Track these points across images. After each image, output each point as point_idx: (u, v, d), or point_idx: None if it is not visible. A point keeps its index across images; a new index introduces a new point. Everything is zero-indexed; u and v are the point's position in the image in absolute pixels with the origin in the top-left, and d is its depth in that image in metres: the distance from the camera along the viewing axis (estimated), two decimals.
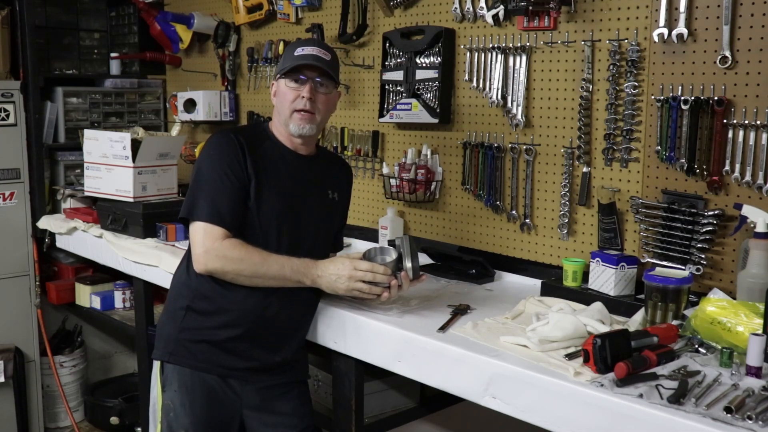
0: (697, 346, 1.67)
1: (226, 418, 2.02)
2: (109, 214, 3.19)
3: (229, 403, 2.01)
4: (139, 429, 3.56)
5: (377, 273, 1.94)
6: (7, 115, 3.47)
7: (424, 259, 2.45)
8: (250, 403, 2.04)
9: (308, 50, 1.99)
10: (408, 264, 1.99)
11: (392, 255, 2.01)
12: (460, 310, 2.05)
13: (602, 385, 1.50)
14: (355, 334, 2.05)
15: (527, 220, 2.47)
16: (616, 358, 1.55)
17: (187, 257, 2.04)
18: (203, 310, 1.98)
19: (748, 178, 1.94)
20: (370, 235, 2.96)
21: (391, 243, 2.04)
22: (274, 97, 2.06)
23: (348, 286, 1.93)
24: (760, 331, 1.55)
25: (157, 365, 2.04)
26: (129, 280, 3.34)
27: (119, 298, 3.52)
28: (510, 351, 1.73)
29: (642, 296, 1.91)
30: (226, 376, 2.00)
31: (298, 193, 2.05)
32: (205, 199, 1.92)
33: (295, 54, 1.99)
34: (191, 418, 1.97)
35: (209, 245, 1.90)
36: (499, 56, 2.48)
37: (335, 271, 1.94)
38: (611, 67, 2.18)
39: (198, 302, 1.99)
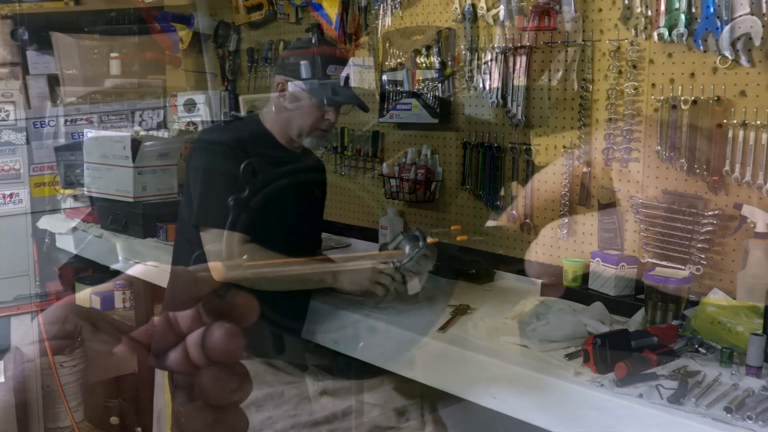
0: (697, 346, 1.67)
1: None
2: (109, 214, 3.19)
3: None
4: (139, 429, 3.55)
5: (395, 278, 1.97)
6: (7, 115, 3.46)
7: None
8: None
9: (340, 72, 2.02)
10: (410, 283, 2.02)
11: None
12: (460, 310, 2.05)
13: (602, 385, 1.50)
14: (354, 334, 2.05)
15: (527, 220, 2.47)
16: (616, 358, 1.55)
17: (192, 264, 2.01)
18: None
19: (748, 178, 1.94)
20: (370, 235, 2.95)
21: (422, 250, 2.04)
22: (281, 98, 2.03)
23: (372, 279, 1.95)
24: (760, 331, 1.55)
25: (164, 373, 2.02)
26: (129, 280, 3.34)
27: (119, 298, 3.52)
28: (510, 351, 1.73)
29: (642, 296, 1.91)
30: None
31: (295, 192, 2.05)
32: (218, 204, 1.90)
33: (330, 74, 1.99)
34: None
35: (228, 252, 1.86)
36: (499, 56, 2.48)
37: (357, 266, 1.97)
38: (611, 67, 2.18)
39: None
